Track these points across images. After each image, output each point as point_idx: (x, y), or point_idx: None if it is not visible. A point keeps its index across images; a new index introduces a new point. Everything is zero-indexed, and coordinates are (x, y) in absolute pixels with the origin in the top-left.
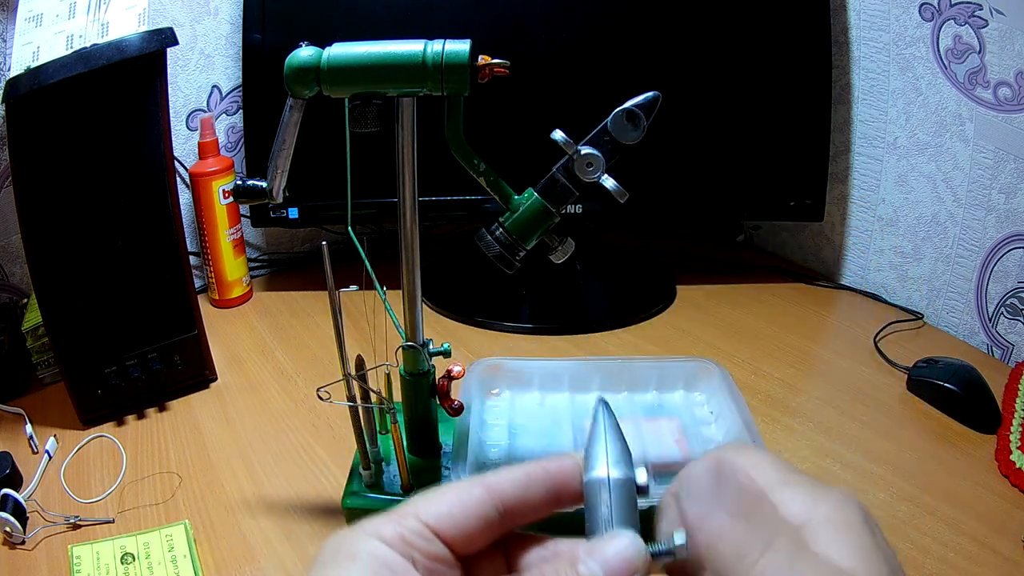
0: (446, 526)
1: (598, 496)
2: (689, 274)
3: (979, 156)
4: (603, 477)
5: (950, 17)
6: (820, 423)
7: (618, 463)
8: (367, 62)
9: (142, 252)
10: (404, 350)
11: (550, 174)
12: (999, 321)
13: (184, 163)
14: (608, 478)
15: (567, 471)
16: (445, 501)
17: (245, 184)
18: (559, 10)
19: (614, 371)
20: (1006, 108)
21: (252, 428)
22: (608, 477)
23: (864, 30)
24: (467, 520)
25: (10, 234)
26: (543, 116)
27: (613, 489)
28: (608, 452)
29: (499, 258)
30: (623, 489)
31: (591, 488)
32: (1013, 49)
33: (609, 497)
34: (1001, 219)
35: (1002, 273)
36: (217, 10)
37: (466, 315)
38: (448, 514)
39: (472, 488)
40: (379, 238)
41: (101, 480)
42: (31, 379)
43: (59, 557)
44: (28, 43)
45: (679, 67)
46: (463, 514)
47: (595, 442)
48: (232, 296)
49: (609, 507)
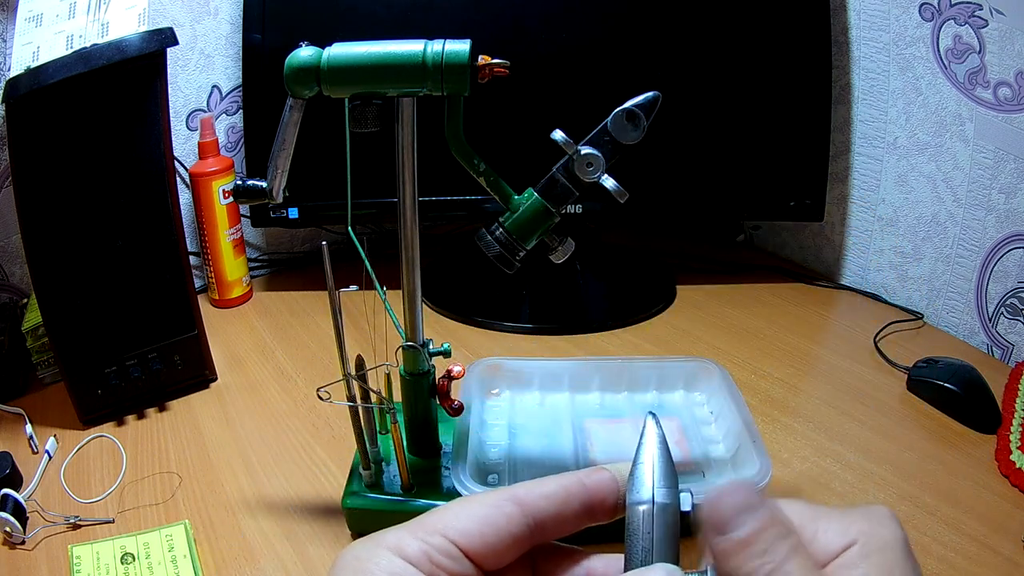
0: (475, 545)
1: (639, 521)
2: (689, 274)
3: (979, 156)
4: (647, 501)
5: (950, 17)
6: (820, 423)
7: (663, 486)
8: (367, 62)
9: (142, 252)
10: (404, 350)
11: (550, 174)
12: (999, 321)
13: (184, 163)
14: (653, 503)
15: (605, 487)
16: (475, 517)
17: (245, 184)
18: (559, 10)
19: (614, 371)
20: (1006, 108)
21: (252, 428)
22: (653, 502)
23: (864, 30)
24: (497, 539)
25: (10, 234)
26: (543, 116)
27: (656, 516)
28: (655, 474)
29: (499, 258)
30: (666, 516)
31: (633, 512)
32: (1013, 49)
33: (652, 525)
34: (1001, 219)
35: (1002, 273)
36: (217, 10)
37: (466, 315)
38: (478, 532)
39: (503, 504)
40: (379, 238)
41: (101, 480)
42: (31, 379)
43: (59, 557)
44: (28, 43)
45: (679, 67)
46: (494, 532)
47: (641, 461)
48: (232, 296)
49: (651, 535)
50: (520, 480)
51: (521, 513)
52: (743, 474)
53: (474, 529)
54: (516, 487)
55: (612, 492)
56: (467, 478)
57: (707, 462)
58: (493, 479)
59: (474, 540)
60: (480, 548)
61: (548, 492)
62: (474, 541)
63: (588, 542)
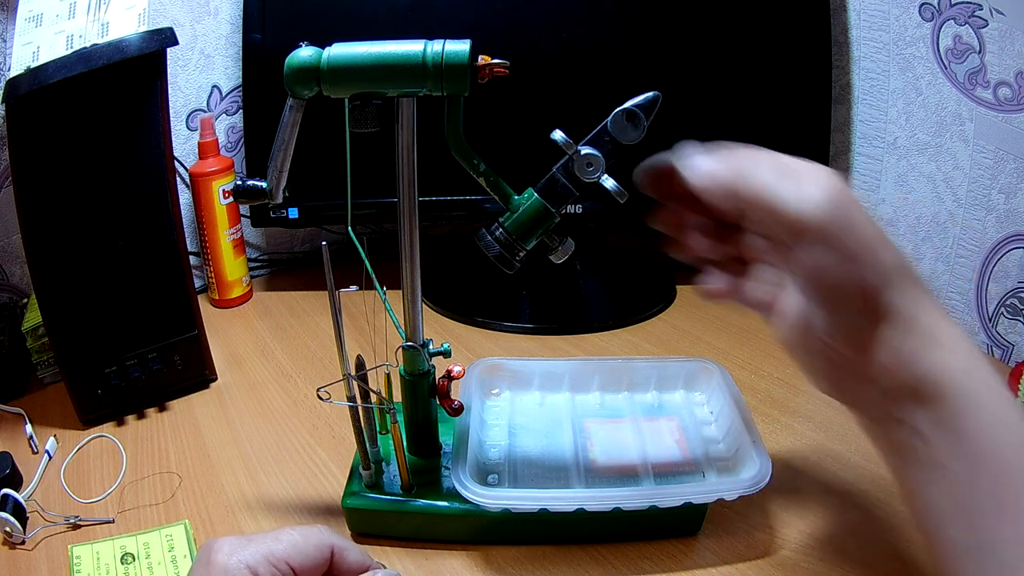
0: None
1: None
2: (689, 274)
3: (979, 156)
4: None
5: (950, 17)
6: (820, 423)
7: None
8: (367, 62)
9: (142, 252)
10: (404, 350)
11: (550, 174)
12: (999, 321)
13: (184, 163)
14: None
15: None
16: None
17: (245, 184)
18: (559, 10)
19: (614, 371)
20: (1006, 108)
21: (252, 428)
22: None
23: (864, 30)
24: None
25: (10, 234)
26: (543, 116)
27: None
28: None
29: (499, 258)
30: None
31: None
32: (1013, 49)
33: None
34: (1001, 219)
35: (1002, 273)
36: (217, 10)
37: (466, 315)
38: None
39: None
40: (379, 238)
41: (101, 480)
42: (31, 379)
43: (59, 557)
44: (28, 43)
45: (679, 67)
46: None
47: None
48: (232, 296)
49: None
50: (520, 480)
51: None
52: (743, 474)
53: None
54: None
55: None
56: (467, 478)
57: (707, 462)
58: (493, 479)
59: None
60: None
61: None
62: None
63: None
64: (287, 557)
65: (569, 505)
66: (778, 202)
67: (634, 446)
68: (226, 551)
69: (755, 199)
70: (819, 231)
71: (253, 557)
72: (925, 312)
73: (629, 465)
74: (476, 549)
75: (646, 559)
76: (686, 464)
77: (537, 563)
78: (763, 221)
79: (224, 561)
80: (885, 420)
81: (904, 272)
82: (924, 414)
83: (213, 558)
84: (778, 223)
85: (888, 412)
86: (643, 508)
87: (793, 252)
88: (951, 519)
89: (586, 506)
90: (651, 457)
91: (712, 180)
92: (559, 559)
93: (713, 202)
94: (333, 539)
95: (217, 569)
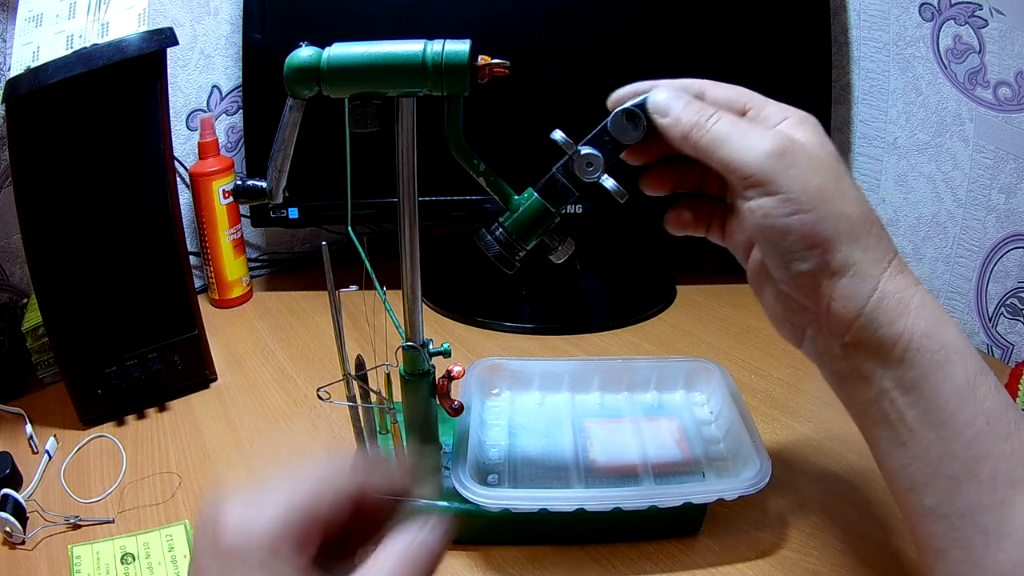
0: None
1: None
2: (689, 274)
3: (979, 156)
4: None
5: (950, 17)
6: (820, 423)
7: None
8: (367, 62)
9: (142, 252)
10: (404, 350)
11: (550, 174)
12: (999, 321)
13: (184, 163)
14: None
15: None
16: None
17: (245, 184)
18: (559, 10)
19: (614, 371)
20: (1006, 108)
21: (252, 428)
22: None
23: (864, 30)
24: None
25: (10, 234)
26: (543, 116)
27: None
28: None
29: (499, 258)
30: None
31: None
32: (1013, 49)
33: None
34: (1001, 219)
35: (1002, 273)
36: (217, 10)
37: (466, 315)
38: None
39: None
40: (379, 238)
41: (101, 480)
42: (31, 379)
43: (59, 557)
44: (28, 43)
45: (679, 67)
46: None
47: None
48: (232, 296)
49: None
50: (520, 480)
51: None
52: (743, 474)
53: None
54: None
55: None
56: (467, 478)
57: (707, 462)
58: (493, 479)
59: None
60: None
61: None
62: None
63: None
64: (310, 513)
65: (569, 505)
66: (724, 152)
67: (634, 446)
68: (236, 524)
69: (705, 149)
70: (757, 178)
71: (272, 529)
72: (889, 273)
73: (629, 465)
74: (476, 549)
75: (646, 559)
76: (686, 464)
77: (537, 563)
78: (718, 168)
79: (233, 543)
80: (851, 377)
81: (870, 230)
82: (889, 375)
83: (221, 542)
84: (726, 171)
85: (852, 368)
86: (643, 508)
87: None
88: (924, 487)
89: (586, 506)
90: (651, 457)
91: (675, 126)
92: (559, 559)
93: (674, 145)
94: (355, 480)
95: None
